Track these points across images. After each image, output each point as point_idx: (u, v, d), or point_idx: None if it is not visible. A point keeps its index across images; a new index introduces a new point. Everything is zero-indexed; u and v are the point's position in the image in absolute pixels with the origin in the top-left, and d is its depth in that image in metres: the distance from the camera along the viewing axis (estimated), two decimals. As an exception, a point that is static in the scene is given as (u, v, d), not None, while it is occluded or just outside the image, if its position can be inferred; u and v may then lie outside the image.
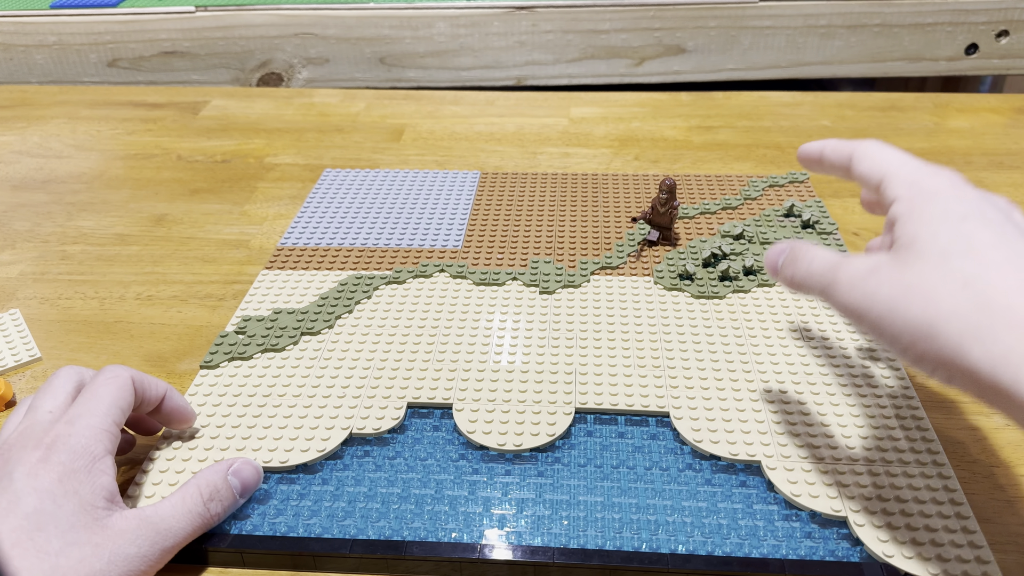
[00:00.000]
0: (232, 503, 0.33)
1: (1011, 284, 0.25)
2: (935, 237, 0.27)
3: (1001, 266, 0.25)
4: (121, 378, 0.33)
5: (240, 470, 0.34)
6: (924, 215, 0.28)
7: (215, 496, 0.32)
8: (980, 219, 0.27)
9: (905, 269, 0.27)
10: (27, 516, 0.28)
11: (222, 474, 0.33)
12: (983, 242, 0.26)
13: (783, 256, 0.32)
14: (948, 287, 0.25)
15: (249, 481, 0.34)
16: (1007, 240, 0.26)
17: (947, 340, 0.25)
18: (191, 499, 0.32)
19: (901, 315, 0.26)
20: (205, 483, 0.32)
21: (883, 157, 0.31)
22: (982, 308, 0.25)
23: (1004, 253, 0.26)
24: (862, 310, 0.27)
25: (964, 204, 0.28)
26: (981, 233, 0.26)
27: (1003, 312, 0.24)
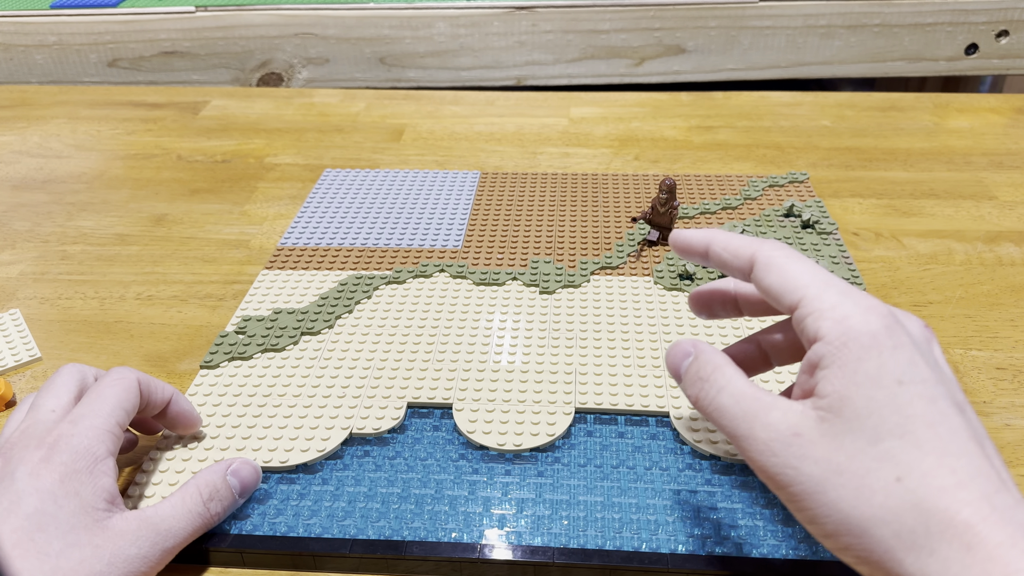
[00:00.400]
0: (231, 503, 0.33)
1: (947, 481, 0.22)
2: (868, 406, 0.23)
3: (937, 455, 0.23)
4: (127, 380, 0.33)
5: (239, 470, 0.34)
6: (857, 373, 0.24)
7: (215, 496, 0.32)
8: (917, 383, 0.24)
9: (833, 444, 0.24)
10: (28, 517, 0.28)
11: (221, 474, 0.33)
12: (919, 419, 0.23)
13: (687, 361, 0.28)
14: (881, 479, 0.23)
15: (248, 481, 0.34)
16: (942, 415, 0.23)
17: (878, 543, 0.23)
18: (191, 499, 0.32)
19: (827, 502, 0.23)
20: (204, 483, 0.32)
21: (797, 274, 0.26)
22: (917, 510, 0.22)
23: (940, 435, 0.23)
24: (780, 482, 0.24)
25: (900, 359, 0.24)
26: (917, 405, 0.23)
27: (938, 517, 0.22)
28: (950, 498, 0.22)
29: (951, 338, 0.44)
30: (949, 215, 0.56)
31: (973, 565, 0.21)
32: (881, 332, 0.24)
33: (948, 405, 0.24)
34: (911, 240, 0.53)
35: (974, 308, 0.47)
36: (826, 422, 0.24)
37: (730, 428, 0.26)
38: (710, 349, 0.28)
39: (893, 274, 0.50)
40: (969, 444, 0.23)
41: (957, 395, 0.25)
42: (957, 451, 0.23)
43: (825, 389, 0.24)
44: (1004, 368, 0.42)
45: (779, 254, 0.28)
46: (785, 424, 0.25)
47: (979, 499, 0.22)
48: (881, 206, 0.57)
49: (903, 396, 0.23)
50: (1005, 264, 0.50)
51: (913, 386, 0.24)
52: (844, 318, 0.25)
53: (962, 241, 0.53)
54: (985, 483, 0.23)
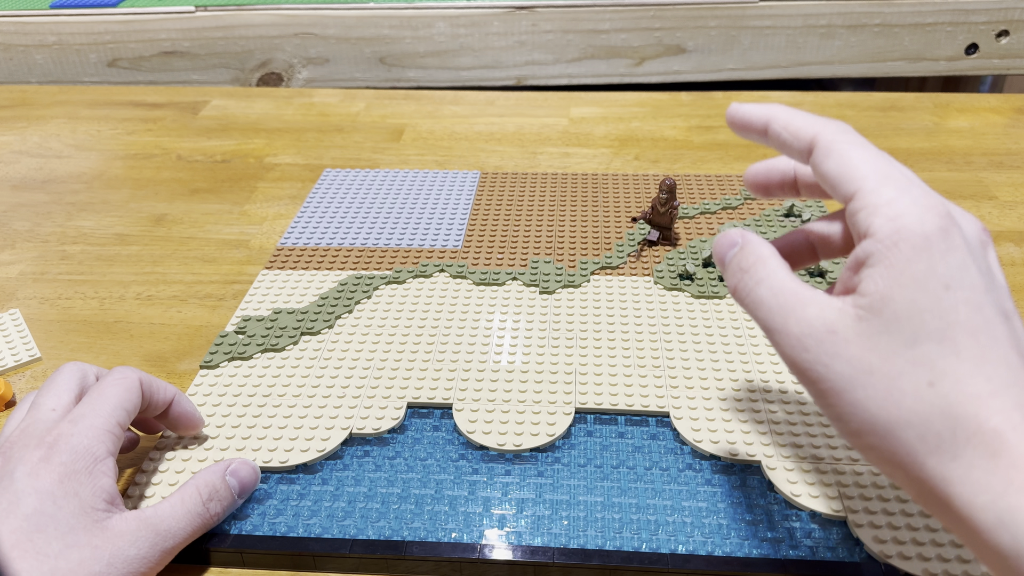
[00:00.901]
0: (231, 503, 0.33)
1: (980, 389, 0.22)
2: (911, 308, 0.23)
3: (974, 363, 0.22)
4: (129, 380, 0.33)
5: (238, 470, 0.34)
6: (903, 274, 0.23)
7: (214, 496, 0.32)
8: (965, 289, 0.23)
9: (868, 344, 0.23)
10: (27, 517, 0.28)
11: (220, 474, 0.33)
12: (961, 325, 0.23)
13: (732, 251, 0.28)
14: (913, 382, 0.22)
15: (247, 481, 0.34)
16: (986, 322, 0.23)
17: (902, 445, 0.23)
18: (190, 500, 0.32)
19: (854, 400, 0.23)
20: (204, 483, 0.32)
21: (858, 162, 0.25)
22: (946, 415, 0.22)
23: (980, 342, 0.23)
24: (811, 376, 0.24)
25: (951, 263, 0.23)
26: (961, 311, 0.23)
27: (967, 423, 0.22)
28: (981, 405, 0.22)
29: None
30: (949, 215, 0.56)
31: (996, 471, 0.21)
32: (935, 234, 0.23)
33: (994, 313, 0.23)
34: (911, 240, 0.53)
35: (974, 308, 0.46)
36: (864, 321, 0.23)
37: (765, 321, 0.25)
38: (757, 240, 0.27)
39: (893, 274, 0.50)
40: (1009, 354, 0.23)
41: (1006, 303, 0.24)
42: (995, 359, 0.22)
43: (868, 288, 0.24)
44: (1004, 368, 0.42)
45: (842, 138, 0.26)
46: (821, 320, 0.24)
47: (1011, 408, 0.22)
48: (881, 206, 0.57)
49: (948, 301, 0.23)
50: (1005, 264, 0.50)
51: (960, 292, 0.23)
52: (898, 216, 0.24)
53: (962, 241, 0.53)
54: (1020, 393, 0.22)
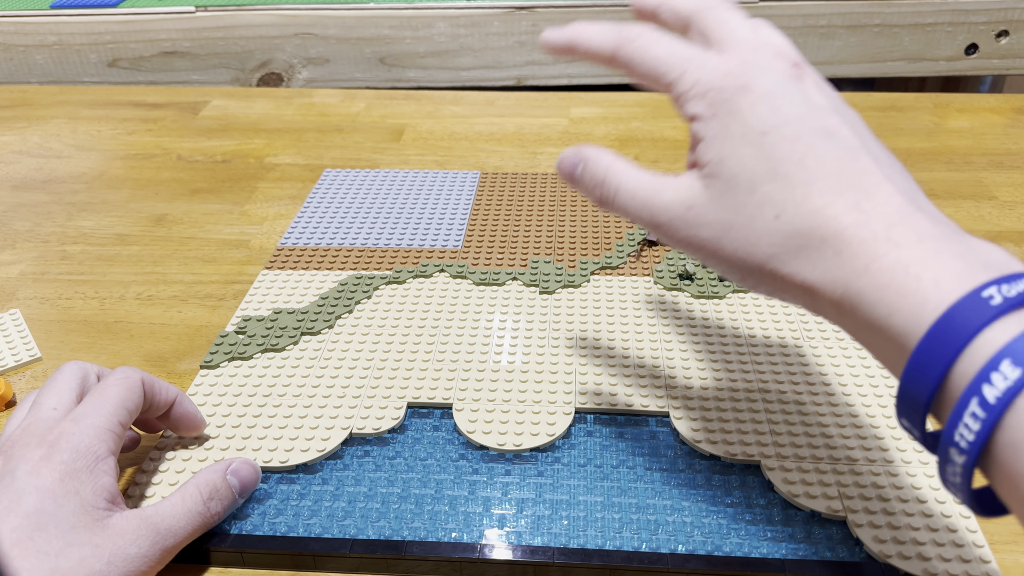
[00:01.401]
0: (231, 502, 0.33)
1: (816, 203, 0.24)
2: (741, 162, 0.25)
3: (805, 185, 0.24)
4: (131, 380, 0.33)
5: (238, 469, 0.34)
6: (725, 139, 0.26)
7: (215, 495, 0.32)
8: (780, 127, 0.25)
9: (720, 204, 0.26)
10: (28, 515, 0.28)
11: (221, 473, 0.33)
12: (785, 159, 0.25)
13: (579, 169, 0.29)
14: (763, 222, 0.25)
15: (247, 480, 0.34)
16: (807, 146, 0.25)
17: (774, 274, 0.25)
18: (191, 499, 0.31)
19: (727, 256, 0.26)
20: (204, 482, 0.32)
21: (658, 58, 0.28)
22: (795, 237, 0.24)
23: (807, 166, 0.25)
24: (691, 249, 0.27)
25: (760, 111, 0.25)
26: (782, 147, 0.25)
27: (811, 236, 0.24)
28: (820, 216, 0.24)
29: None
30: (949, 215, 0.55)
31: (842, 266, 0.24)
32: (736, 93, 0.26)
33: (813, 135, 0.25)
34: (911, 240, 0.53)
35: (974, 308, 0.46)
36: (711, 188, 0.26)
37: (637, 220, 0.28)
38: (596, 151, 0.29)
39: (893, 274, 0.50)
40: (839, 164, 0.25)
41: (827, 120, 0.26)
42: (825, 174, 0.25)
43: (704, 158, 0.26)
44: (1004, 368, 0.42)
45: (639, 42, 0.28)
46: (678, 200, 0.27)
47: (846, 210, 0.24)
48: (881, 206, 0.57)
49: (767, 144, 0.25)
50: (1005, 264, 0.50)
51: (775, 132, 0.25)
52: (705, 91, 0.26)
53: (962, 241, 0.53)
54: (854, 194, 0.24)
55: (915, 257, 0.23)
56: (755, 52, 0.27)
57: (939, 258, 0.23)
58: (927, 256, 0.23)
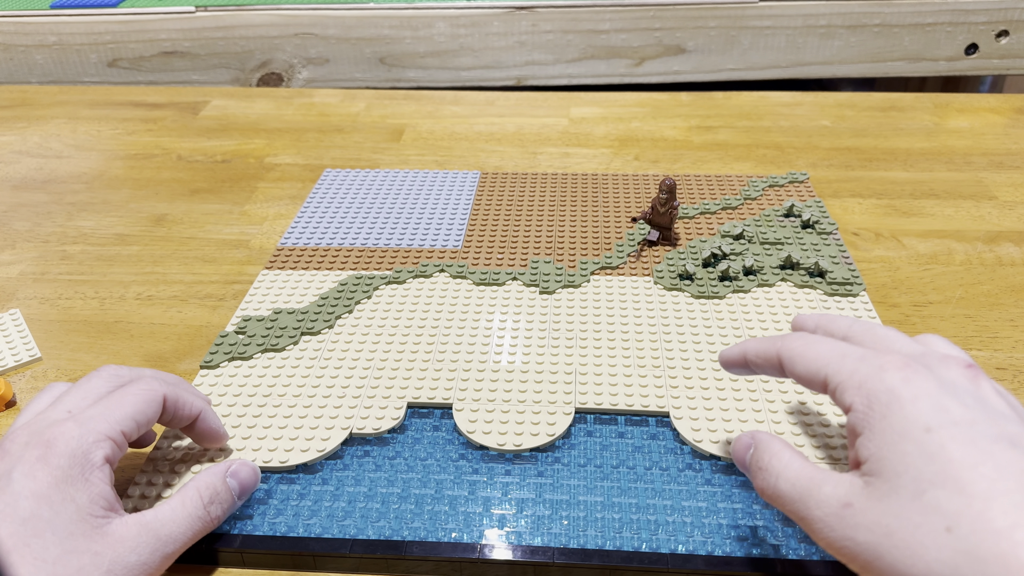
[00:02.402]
0: (231, 505, 0.33)
1: (999, 524, 0.21)
2: (903, 460, 0.23)
3: (984, 498, 0.22)
4: (152, 393, 0.32)
5: (238, 472, 0.33)
6: (884, 432, 0.24)
7: (215, 499, 0.32)
8: (947, 427, 0.23)
9: (881, 507, 0.23)
10: (24, 521, 0.27)
11: (221, 476, 0.33)
12: (957, 462, 0.22)
13: (749, 453, 0.29)
14: (931, 532, 0.22)
15: (247, 482, 0.34)
16: (984, 453, 0.23)
17: None
18: (191, 503, 0.31)
19: (885, 567, 0.23)
20: (204, 485, 0.32)
21: (815, 356, 0.28)
22: (972, 558, 0.21)
23: (985, 475, 0.22)
24: (844, 555, 0.24)
25: (923, 408, 0.24)
26: (952, 449, 0.23)
27: (995, 562, 0.21)
28: (1005, 541, 0.21)
29: (951, 338, 0.44)
30: (949, 215, 0.56)
31: None
32: (898, 386, 0.24)
33: (990, 442, 0.23)
34: (911, 240, 0.53)
35: (974, 308, 0.47)
36: (871, 486, 0.24)
37: (792, 512, 0.26)
38: (767, 437, 0.29)
39: (893, 274, 0.50)
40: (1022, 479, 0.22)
41: (1007, 428, 0.23)
42: (1007, 489, 0.22)
43: (864, 454, 0.24)
44: (1004, 368, 0.42)
45: (797, 344, 0.29)
46: (835, 497, 0.25)
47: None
48: (881, 206, 0.57)
49: (933, 443, 0.23)
50: (1005, 264, 0.50)
51: (943, 430, 0.23)
52: (863, 383, 0.25)
53: (962, 241, 0.53)
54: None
55: None
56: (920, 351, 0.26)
57: None
58: None
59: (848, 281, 0.47)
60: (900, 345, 0.27)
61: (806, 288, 0.47)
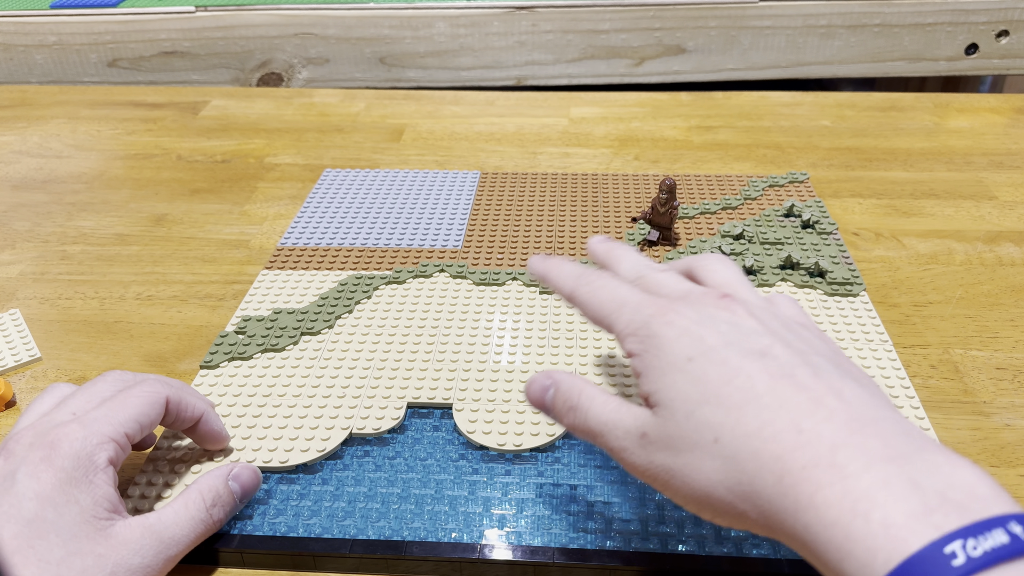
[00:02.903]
0: (233, 508, 0.33)
1: (750, 426, 0.23)
2: (674, 389, 0.26)
3: (738, 407, 0.24)
4: (155, 395, 0.32)
5: (240, 474, 0.33)
6: (657, 370, 0.26)
7: (217, 501, 0.32)
8: (705, 353, 0.26)
9: (666, 431, 0.25)
10: (28, 523, 0.27)
11: (223, 479, 0.33)
12: (714, 382, 0.25)
13: (550, 394, 0.30)
14: (703, 445, 0.24)
15: (249, 485, 0.34)
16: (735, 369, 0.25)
17: (724, 505, 0.24)
18: (194, 505, 0.31)
19: (680, 485, 0.25)
20: (207, 488, 0.32)
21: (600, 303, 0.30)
22: (734, 463, 0.23)
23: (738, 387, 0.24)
24: (648, 477, 0.26)
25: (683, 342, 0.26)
26: (709, 371, 0.25)
27: (751, 462, 0.23)
28: (756, 439, 0.23)
29: (951, 338, 0.44)
30: (949, 215, 0.56)
31: (786, 495, 0.22)
32: (662, 329, 0.27)
33: (740, 358, 0.25)
34: (911, 240, 0.53)
35: (974, 308, 0.47)
36: (657, 415, 0.26)
37: (603, 444, 0.28)
38: (568, 377, 0.30)
39: (893, 274, 0.50)
40: (773, 383, 0.24)
41: (757, 342, 0.26)
42: (756, 394, 0.24)
43: (645, 390, 0.27)
44: (1004, 368, 0.42)
45: (586, 291, 0.31)
46: (635, 427, 0.27)
47: (783, 431, 0.23)
48: (881, 206, 0.57)
49: (695, 369, 0.25)
50: (1005, 264, 0.50)
51: (700, 357, 0.26)
52: (636, 331, 0.28)
53: (962, 241, 0.53)
54: (790, 413, 0.23)
55: (863, 490, 0.21)
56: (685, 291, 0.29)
57: (889, 490, 0.20)
58: (875, 488, 0.20)
59: (848, 281, 0.47)
60: (669, 289, 0.30)
61: (806, 288, 0.47)
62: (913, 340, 0.44)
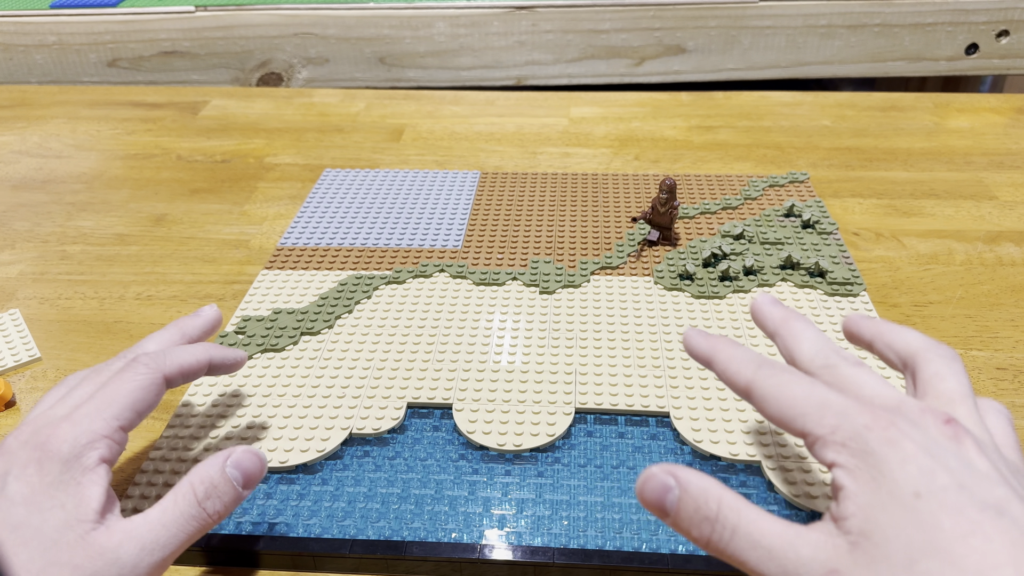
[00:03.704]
0: (233, 498, 0.29)
1: None
2: (893, 526, 0.22)
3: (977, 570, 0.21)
4: (149, 378, 0.31)
5: (240, 460, 0.29)
6: (873, 495, 0.23)
7: (212, 493, 0.28)
8: (936, 493, 0.22)
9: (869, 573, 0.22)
10: (15, 529, 0.26)
11: (219, 467, 0.29)
12: (947, 532, 0.21)
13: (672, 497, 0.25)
14: None
15: (251, 471, 0.30)
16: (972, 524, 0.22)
17: None
18: (184, 500, 0.28)
19: None
20: (199, 479, 0.28)
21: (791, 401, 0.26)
22: None
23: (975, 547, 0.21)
24: None
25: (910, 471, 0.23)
26: (941, 518, 0.22)
27: None
28: None
29: (951, 338, 0.44)
30: (949, 215, 0.56)
31: None
32: (884, 448, 0.23)
33: (978, 511, 0.22)
34: (911, 240, 0.53)
35: (974, 308, 0.47)
36: (859, 550, 0.22)
37: (757, 571, 0.24)
38: (697, 476, 0.25)
39: (893, 274, 0.50)
40: (1016, 554, 0.21)
41: (993, 492, 0.22)
42: (996, 563, 0.21)
43: (849, 513, 0.23)
44: (1004, 368, 0.42)
45: (770, 384, 0.26)
46: (818, 561, 0.23)
47: None
48: (881, 206, 0.57)
49: (924, 510, 0.22)
50: (1005, 264, 0.50)
51: (932, 497, 0.22)
52: (846, 442, 0.24)
53: (962, 241, 0.53)
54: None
55: None
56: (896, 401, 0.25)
57: None
58: None
59: (848, 281, 0.47)
60: (871, 391, 0.26)
61: (806, 288, 0.47)
62: (913, 340, 0.44)
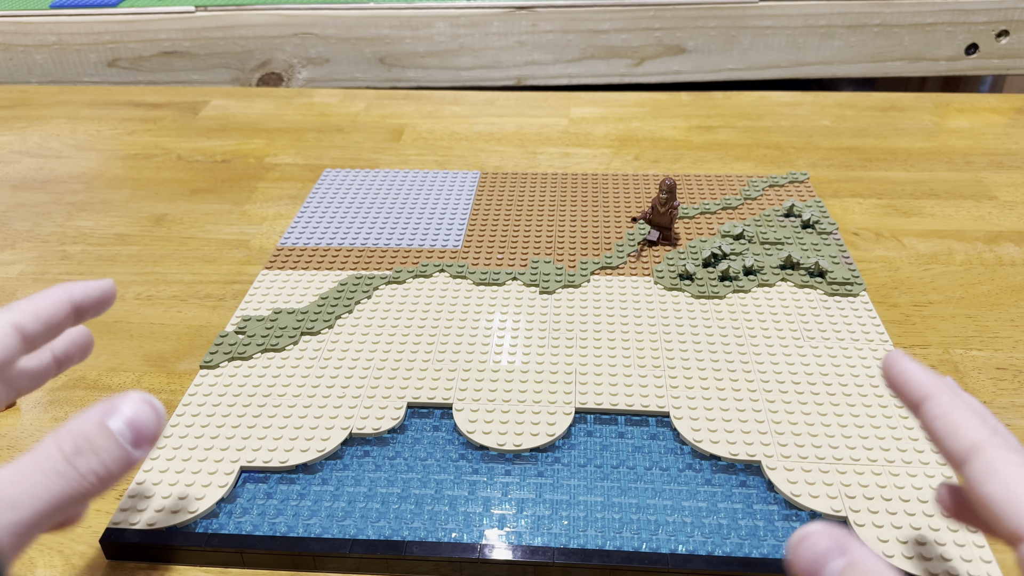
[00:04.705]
0: (120, 457, 0.24)
1: None
2: None
3: None
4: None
5: (121, 408, 0.24)
6: None
7: (85, 448, 0.23)
8: None
9: None
10: None
11: (95, 420, 0.24)
12: None
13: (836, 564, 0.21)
14: None
15: (143, 423, 0.24)
16: None
17: None
18: (45, 457, 0.23)
19: None
20: (68, 433, 0.24)
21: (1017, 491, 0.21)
22: None
23: None
24: None
25: None
26: None
27: None
28: None
29: (951, 338, 0.44)
30: (949, 215, 0.56)
31: None
32: None
33: None
34: (911, 240, 0.53)
35: (974, 308, 0.47)
36: None
37: None
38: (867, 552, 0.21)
39: (893, 274, 0.50)
40: None
41: None
42: None
43: None
44: (1004, 368, 0.42)
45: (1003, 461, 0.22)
46: None
47: None
48: (881, 206, 0.57)
49: None
50: (1005, 264, 0.50)
51: None
52: None
53: (962, 241, 0.53)
54: None
55: None
56: None
57: None
58: None
59: (848, 281, 0.47)
60: None
61: (806, 288, 0.47)
62: (913, 340, 0.44)
